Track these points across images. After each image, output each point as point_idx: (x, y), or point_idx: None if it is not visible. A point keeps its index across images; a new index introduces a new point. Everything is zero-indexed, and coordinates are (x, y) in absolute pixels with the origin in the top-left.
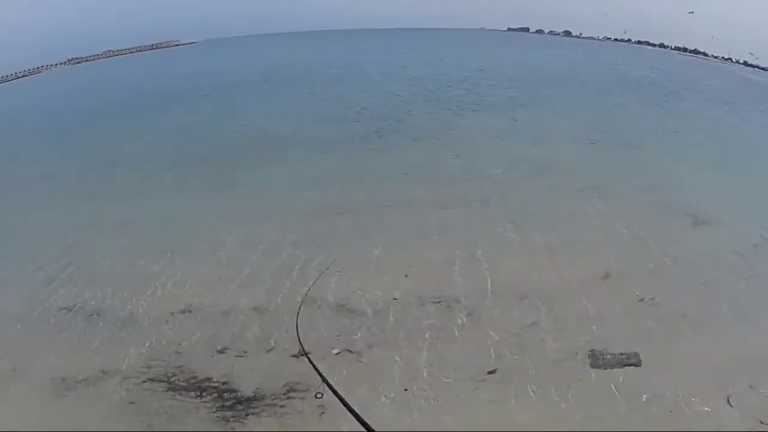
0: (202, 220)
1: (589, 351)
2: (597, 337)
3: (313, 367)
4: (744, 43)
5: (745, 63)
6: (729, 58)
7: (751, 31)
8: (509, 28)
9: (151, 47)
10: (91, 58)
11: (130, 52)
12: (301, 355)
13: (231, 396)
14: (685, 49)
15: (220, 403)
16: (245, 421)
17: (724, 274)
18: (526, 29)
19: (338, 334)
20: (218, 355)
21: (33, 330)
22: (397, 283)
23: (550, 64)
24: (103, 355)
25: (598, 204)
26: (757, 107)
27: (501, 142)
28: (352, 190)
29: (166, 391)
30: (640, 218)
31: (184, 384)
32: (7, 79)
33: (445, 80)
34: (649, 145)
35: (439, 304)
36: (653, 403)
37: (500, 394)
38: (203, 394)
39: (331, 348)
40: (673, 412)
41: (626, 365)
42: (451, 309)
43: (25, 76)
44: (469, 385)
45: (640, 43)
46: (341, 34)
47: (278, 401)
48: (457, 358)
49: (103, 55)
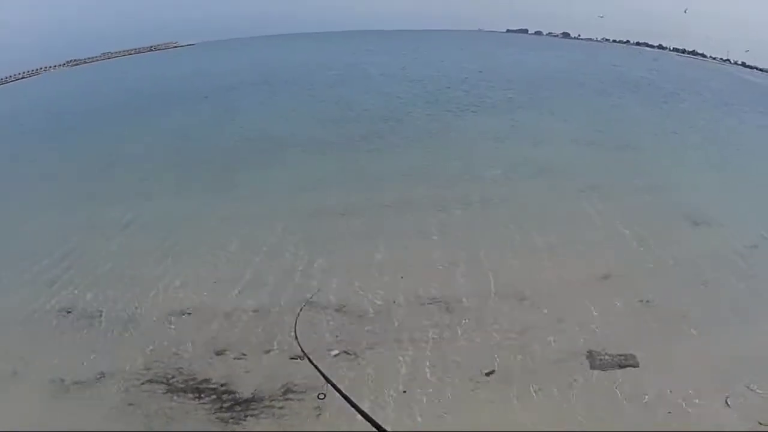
0: (202, 221)
1: (587, 352)
2: (596, 338)
3: (315, 368)
4: (742, 43)
5: (744, 64)
6: (727, 59)
7: (750, 32)
8: (508, 30)
9: (150, 49)
10: (89, 60)
11: (129, 54)
12: (301, 358)
13: (230, 397)
14: (683, 51)
15: (218, 405)
16: (244, 422)
17: (724, 274)
18: (525, 31)
19: (338, 335)
20: (217, 356)
21: (33, 331)
22: (398, 283)
23: (548, 66)
24: (103, 356)
25: (598, 205)
26: (756, 108)
27: (500, 144)
28: (353, 191)
29: (166, 393)
30: (640, 219)
31: (183, 385)
32: (7, 81)
33: (445, 82)
34: (648, 146)
35: (438, 304)
36: (652, 404)
37: (500, 395)
38: (202, 396)
39: (329, 350)
40: (672, 413)
41: (624, 366)
42: (451, 309)
43: (23, 78)
44: (469, 385)
45: (638, 44)
46: (341, 35)
47: (276, 403)
48: (457, 359)
49: (101, 57)
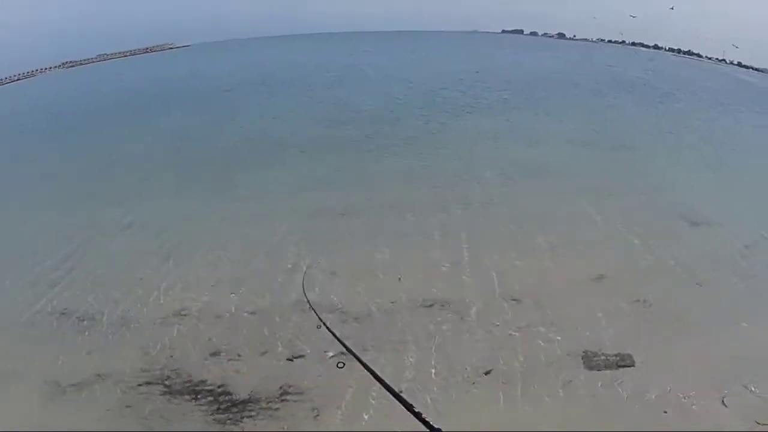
0: (202, 222)
1: (583, 352)
2: (595, 338)
3: (334, 336)
4: (736, 42)
5: (739, 64)
6: (723, 59)
7: (750, 32)
8: (503, 30)
9: (145, 50)
10: (85, 62)
11: (124, 56)
12: (318, 327)
13: (226, 399)
14: (679, 51)
15: (215, 406)
16: (241, 423)
17: (723, 274)
18: (520, 31)
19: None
20: (214, 358)
21: (31, 332)
22: (397, 284)
23: (544, 66)
24: (100, 357)
25: (596, 205)
26: (751, 108)
27: (497, 144)
28: (352, 191)
29: (162, 394)
30: (638, 219)
31: (180, 387)
32: (5, 82)
33: (441, 83)
34: (644, 146)
35: (437, 305)
36: (650, 404)
37: (499, 395)
38: (199, 397)
39: (325, 351)
40: (670, 413)
41: (620, 366)
42: (450, 310)
43: (20, 80)
44: (467, 385)
45: (633, 44)
46: (339, 36)
47: (273, 404)
48: (455, 359)
49: (97, 59)
